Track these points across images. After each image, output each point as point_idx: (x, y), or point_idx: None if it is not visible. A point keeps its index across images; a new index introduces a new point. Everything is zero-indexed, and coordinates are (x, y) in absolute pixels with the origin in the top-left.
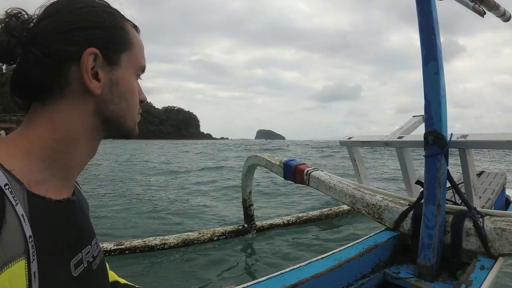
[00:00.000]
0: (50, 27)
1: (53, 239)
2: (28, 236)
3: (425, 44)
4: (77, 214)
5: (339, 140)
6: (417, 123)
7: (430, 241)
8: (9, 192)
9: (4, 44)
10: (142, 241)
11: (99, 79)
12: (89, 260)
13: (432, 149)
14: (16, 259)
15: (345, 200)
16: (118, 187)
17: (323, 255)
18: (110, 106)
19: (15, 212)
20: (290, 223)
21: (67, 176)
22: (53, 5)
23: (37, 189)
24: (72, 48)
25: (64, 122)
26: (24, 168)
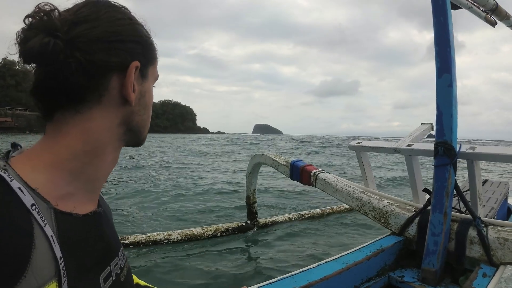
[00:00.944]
0: (93, 34)
1: (82, 256)
2: (58, 257)
3: (440, 56)
4: (104, 226)
5: (348, 144)
6: (426, 131)
7: (435, 248)
8: (37, 213)
9: (51, 47)
10: (146, 236)
11: (134, 91)
12: (117, 272)
13: (442, 160)
14: (47, 283)
15: (351, 203)
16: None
17: (331, 257)
18: (136, 117)
19: (44, 234)
20: (293, 221)
21: (93, 187)
22: (88, 9)
23: (64, 206)
24: (116, 59)
25: (96, 132)
26: (49, 184)
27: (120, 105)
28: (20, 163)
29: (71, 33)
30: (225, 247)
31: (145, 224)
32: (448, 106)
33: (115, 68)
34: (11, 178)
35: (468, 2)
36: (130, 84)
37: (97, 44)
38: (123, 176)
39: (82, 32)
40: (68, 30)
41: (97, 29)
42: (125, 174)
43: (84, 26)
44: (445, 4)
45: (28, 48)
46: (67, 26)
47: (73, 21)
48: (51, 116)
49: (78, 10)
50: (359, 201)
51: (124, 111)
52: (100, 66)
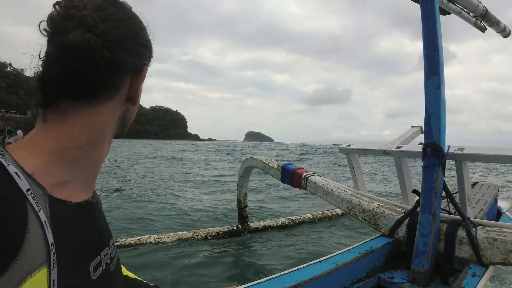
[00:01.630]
0: (117, 34)
1: (74, 244)
2: (50, 243)
3: (428, 59)
4: (96, 216)
5: (339, 147)
6: (415, 134)
7: (425, 248)
8: (32, 198)
9: (92, 43)
10: (136, 239)
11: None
12: (107, 262)
13: (430, 160)
14: (38, 268)
15: (342, 205)
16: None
17: (321, 258)
18: (129, 114)
19: (38, 219)
20: (284, 225)
21: (89, 176)
22: (109, 6)
23: (58, 193)
24: (132, 61)
25: (102, 126)
26: (46, 171)
27: (124, 103)
28: (18, 149)
29: (100, 29)
30: (215, 250)
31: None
32: (437, 108)
33: (131, 69)
34: (8, 163)
35: (457, 8)
36: (140, 87)
37: (120, 44)
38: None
39: (108, 30)
40: (99, 26)
41: (120, 30)
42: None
43: (110, 25)
44: (433, 9)
45: (69, 41)
46: (97, 22)
47: (100, 17)
48: (56, 105)
49: (100, 5)
50: (349, 203)
51: (123, 108)
52: (121, 66)
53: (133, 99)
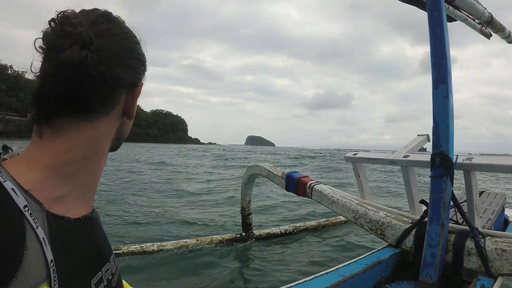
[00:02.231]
0: (112, 49)
1: (73, 260)
2: (49, 260)
3: (436, 67)
4: (96, 231)
5: (344, 156)
6: (422, 142)
7: (433, 259)
8: (29, 215)
9: (88, 60)
10: (139, 247)
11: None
12: (108, 278)
13: (439, 170)
14: (38, 286)
15: (347, 215)
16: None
17: (328, 269)
18: (125, 127)
19: (36, 236)
20: (288, 233)
21: (86, 191)
22: (104, 21)
23: (56, 209)
24: (128, 76)
25: (98, 140)
26: (43, 186)
27: (120, 117)
28: (14, 165)
29: (95, 45)
30: (219, 258)
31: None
32: (445, 117)
33: (127, 84)
34: (4, 179)
35: (463, 14)
36: (136, 102)
37: (116, 59)
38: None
39: (103, 46)
40: (94, 43)
41: (115, 45)
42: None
43: (105, 40)
44: (441, 16)
45: (66, 58)
46: (93, 39)
47: (95, 33)
48: (53, 121)
49: (95, 21)
50: (355, 213)
51: (119, 122)
52: (117, 81)
53: (128, 113)
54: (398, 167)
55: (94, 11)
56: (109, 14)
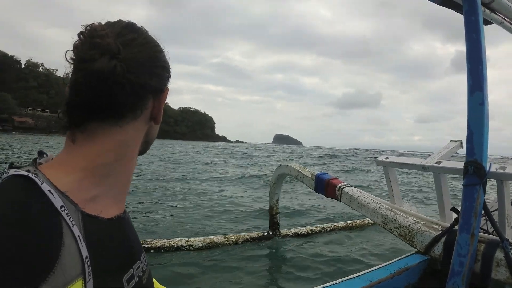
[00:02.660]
0: (138, 58)
1: (106, 257)
2: (84, 256)
3: (472, 73)
4: (127, 230)
5: (376, 159)
6: (455, 148)
7: (461, 269)
8: (65, 214)
9: (118, 69)
10: (167, 241)
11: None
12: (139, 275)
13: (471, 179)
14: (74, 280)
15: (376, 219)
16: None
17: (355, 274)
18: (153, 131)
19: (72, 234)
20: (315, 233)
21: (118, 192)
22: (129, 32)
23: (90, 209)
24: (154, 83)
25: (128, 144)
26: (78, 188)
27: (147, 122)
28: (49, 169)
29: (123, 55)
30: (245, 256)
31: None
32: (479, 125)
33: (153, 90)
34: (41, 182)
35: (500, 17)
36: (162, 107)
37: (142, 67)
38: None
39: (131, 56)
40: (121, 53)
41: (141, 54)
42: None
43: (131, 50)
44: (477, 21)
45: (96, 68)
46: (120, 49)
47: (122, 44)
48: (84, 127)
49: (120, 32)
50: (385, 218)
51: (147, 126)
52: (144, 88)
53: (156, 118)
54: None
55: (118, 22)
56: (133, 25)
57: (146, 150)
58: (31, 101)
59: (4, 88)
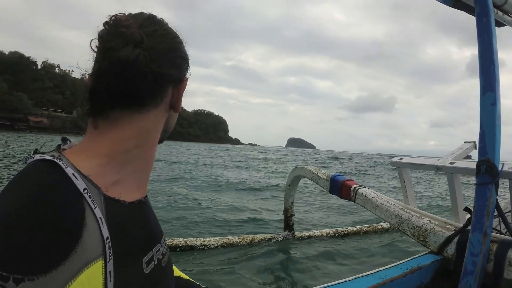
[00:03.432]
0: (160, 48)
1: (127, 239)
2: (105, 237)
3: (484, 74)
4: (148, 214)
5: (390, 160)
6: (469, 149)
7: (473, 268)
8: (88, 197)
9: (141, 58)
10: (183, 240)
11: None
12: (159, 258)
13: (484, 178)
14: (95, 260)
15: (390, 220)
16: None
17: (368, 272)
18: (171, 120)
19: (94, 215)
20: (329, 236)
21: (139, 177)
22: (150, 23)
23: (112, 192)
24: (174, 72)
25: (149, 131)
26: (101, 172)
27: (167, 110)
28: (73, 154)
29: (146, 45)
30: (259, 257)
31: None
32: (491, 125)
33: (173, 79)
34: (65, 166)
35: None
36: (181, 96)
37: (163, 57)
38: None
39: (152, 46)
40: (145, 42)
41: (162, 44)
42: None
43: (153, 40)
44: (489, 22)
45: (121, 57)
46: (144, 39)
47: (144, 34)
48: (107, 114)
49: (142, 23)
50: (399, 218)
51: (167, 115)
52: (165, 77)
53: (175, 106)
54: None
55: (140, 14)
56: (154, 17)
57: (164, 139)
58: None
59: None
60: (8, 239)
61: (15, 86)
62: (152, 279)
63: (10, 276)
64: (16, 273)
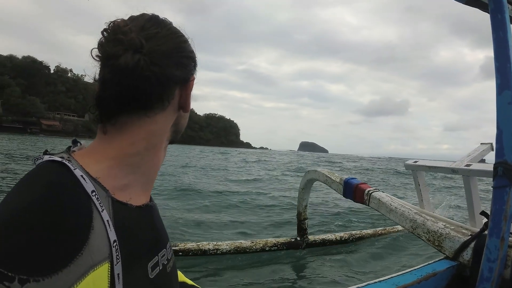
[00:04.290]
0: (162, 50)
1: (134, 243)
2: (112, 240)
3: (500, 71)
4: (154, 219)
5: (405, 163)
6: (485, 151)
7: (490, 274)
8: (96, 199)
9: (141, 63)
10: (196, 244)
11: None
12: (164, 263)
13: (501, 181)
14: (101, 263)
15: (405, 224)
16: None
17: (381, 278)
18: (182, 120)
19: (101, 218)
20: (343, 240)
21: (147, 181)
22: (152, 25)
23: (120, 196)
24: (180, 73)
25: (158, 133)
26: (110, 175)
27: (176, 111)
28: (83, 156)
29: (146, 48)
30: (272, 262)
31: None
32: (509, 125)
33: (179, 80)
34: (74, 167)
35: None
36: (190, 95)
37: (167, 59)
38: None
39: (154, 48)
40: (145, 46)
41: (165, 46)
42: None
43: (155, 42)
44: (504, 18)
45: (121, 64)
46: (144, 43)
47: (145, 37)
48: (115, 119)
49: (143, 25)
50: (413, 223)
51: (176, 116)
52: (170, 79)
53: (184, 107)
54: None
55: (142, 16)
56: (157, 17)
57: (176, 139)
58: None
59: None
60: (14, 240)
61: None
62: (156, 284)
63: (15, 276)
64: (21, 274)
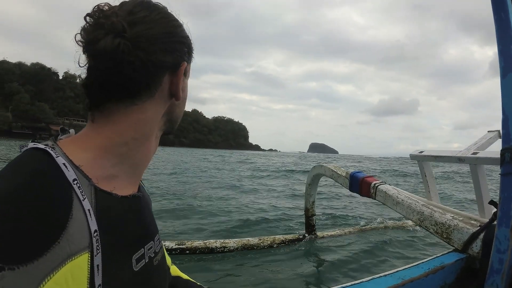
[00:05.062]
0: (150, 35)
1: (117, 234)
2: (93, 230)
3: (503, 54)
4: (142, 210)
5: (410, 154)
6: (493, 139)
7: (500, 266)
8: (77, 187)
9: (121, 47)
10: (203, 243)
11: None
12: (150, 256)
13: (509, 167)
14: (80, 253)
15: (412, 216)
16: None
17: (387, 272)
18: (176, 109)
19: (82, 207)
20: (352, 234)
21: (135, 172)
22: (141, 9)
23: (104, 185)
24: (170, 59)
25: (146, 122)
26: (94, 164)
27: (167, 99)
28: (68, 144)
29: (132, 33)
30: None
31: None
32: None
33: (169, 67)
34: (57, 155)
35: None
36: (180, 82)
37: (154, 44)
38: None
39: (141, 32)
40: (130, 30)
41: (153, 30)
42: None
43: (142, 27)
44: None
45: (100, 47)
46: (129, 27)
47: (132, 21)
48: (103, 107)
49: (131, 10)
50: (421, 215)
51: (168, 104)
52: (157, 65)
53: (176, 95)
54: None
55: (133, 1)
56: (148, 2)
57: (173, 130)
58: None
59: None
60: None
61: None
62: (141, 276)
63: None
64: None
